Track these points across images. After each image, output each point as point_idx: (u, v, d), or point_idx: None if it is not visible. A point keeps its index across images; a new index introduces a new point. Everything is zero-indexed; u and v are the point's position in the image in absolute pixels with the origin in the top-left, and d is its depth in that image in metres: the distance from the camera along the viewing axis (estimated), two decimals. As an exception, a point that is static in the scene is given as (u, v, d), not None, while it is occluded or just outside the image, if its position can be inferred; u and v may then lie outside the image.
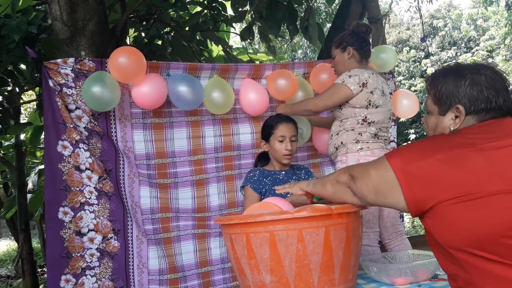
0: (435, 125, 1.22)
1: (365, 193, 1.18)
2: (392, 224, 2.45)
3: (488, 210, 0.96)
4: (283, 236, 1.29)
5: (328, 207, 1.31)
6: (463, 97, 1.13)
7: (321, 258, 1.30)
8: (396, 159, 1.09)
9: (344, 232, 1.34)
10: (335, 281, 1.33)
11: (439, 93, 1.19)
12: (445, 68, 1.22)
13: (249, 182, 2.12)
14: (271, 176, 2.12)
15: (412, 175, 1.04)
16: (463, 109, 1.13)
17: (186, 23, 3.99)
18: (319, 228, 1.29)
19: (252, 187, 2.09)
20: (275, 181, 2.12)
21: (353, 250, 1.38)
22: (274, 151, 2.12)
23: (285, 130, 2.10)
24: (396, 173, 1.07)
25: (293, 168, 2.21)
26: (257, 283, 1.36)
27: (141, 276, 2.42)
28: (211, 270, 2.55)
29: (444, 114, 1.18)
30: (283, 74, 2.60)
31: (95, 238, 2.31)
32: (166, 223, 2.45)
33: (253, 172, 2.15)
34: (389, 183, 1.09)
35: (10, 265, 7.59)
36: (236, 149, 2.63)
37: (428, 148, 1.06)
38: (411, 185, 1.04)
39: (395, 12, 16.37)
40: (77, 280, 2.25)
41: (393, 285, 1.62)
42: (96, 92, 2.14)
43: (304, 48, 11.70)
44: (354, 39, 2.40)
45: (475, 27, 12.15)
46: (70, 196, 2.26)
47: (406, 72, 12.30)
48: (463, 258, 1.01)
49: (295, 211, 1.29)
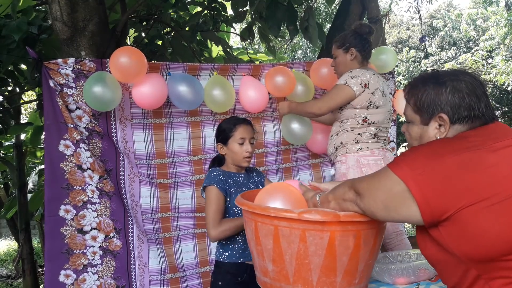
0: (419, 136, 1.18)
1: (374, 210, 1.10)
2: (392, 223, 2.46)
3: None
4: (286, 232, 1.28)
5: (335, 213, 1.25)
6: (445, 105, 1.10)
7: (322, 260, 1.27)
8: (403, 168, 1.02)
9: (352, 239, 1.27)
10: (336, 284, 1.30)
11: (419, 102, 1.15)
12: (422, 76, 1.18)
13: (214, 181, 1.91)
14: (232, 178, 1.99)
15: (425, 182, 0.97)
16: (446, 118, 1.10)
17: (186, 23, 3.99)
18: (324, 232, 1.25)
19: (218, 187, 1.91)
20: (237, 183, 2.00)
21: (363, 256, 1.31)
22: (233, 154, 1.99)
23: (244, 132, 1.99)
24: (407, 183, 0.99)
25: (247, 171, 2.11)
26: (262, 267, 1.38)
27: (142, 276, 2.42)
28: (211, 270, 2.54)
29: (427, 124, 1.14)
30: (280, 70, 2.59)
31: (98, 236, 2.32)
32: (166, 222, 2.46)
33: (217, 172, 1.97)
34: (400, 196, 1.01)
35: (10, 265, 7.58)
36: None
37: (436, 152, 1.01)
38: (425, 194, 0.97)
39: (395, 12, 16.39)
40: (77, 276, 2.25)
41: (394, 284, 1.62)
42: (98, 92, 2.14)
43: (304, 48, 11.71)
44: (358, 40, 2.39)
45: (475, 27, 12.16)
46: (72, 195, 2.26)
47: (406, 72, 12.30)
48: (486, 268, 0.95)
49: (300, 212, 1.25)
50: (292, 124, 2.61)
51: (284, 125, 2.64)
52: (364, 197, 1.13)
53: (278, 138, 2.79)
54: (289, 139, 2.67)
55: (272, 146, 2.77)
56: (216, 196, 1.90)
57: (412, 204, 0.99)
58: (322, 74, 2.71)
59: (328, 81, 2.68)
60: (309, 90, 2.71)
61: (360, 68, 2.37)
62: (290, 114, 2.58)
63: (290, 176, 2.83)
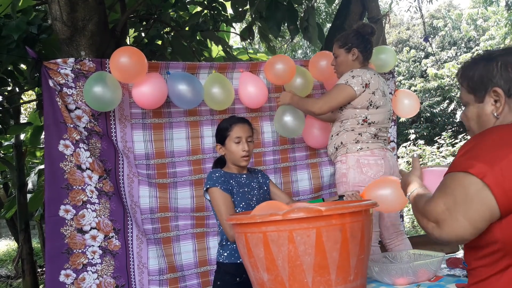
0: (476, 115, 1.16)
1: (462, 233, 1.01)
2: (393, 223, 2.45)
3: None
4: (274, 236, 1.30)
5: (318, 209, 1.29)
6: (498, 79, 1.10)
7: (313, 259, 1.29)
8: (479, 166, 0.98)
9: (339, 233, 1.31)
10: (332, 282, 1.32)
11: (471, 81, 1.15)
12: (473, 58, 1.19)
13: (217, 183, 1.92)
14: (234, 178, 1.99)
15: (503, 173, 0.96)
16: (501, 91, 1.10)
17: (186, 23, 3.99)
18: (310, 229, 1.28)
19: (222, 188, 1.91)
20: (239, 184, 1.99)
21: (353, 251, 1.35)
22: (231, 153, 1.99)
23: (240, 131, 1.99)
24: (484, 179, 0.97)
25: (250, 171, 2.11)
26: (258, 280, 1.40)
27: (141, 276, 2.42)
28: (210, 269, 2.55)
29: (483, 101, 1.14)
30: (281, 59, 2.58)
31: (97, 236, 2.32)
32: (165, 222, 2.46)
33: (219, 173, 1.97)
34: (477, 195, 0.98)
35: (10, 265, 7.58)
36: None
37: (501, 143, 1.00)
38: (503, 186, 0.96)
39: (395, 12, 16.38)
40: (77, 275, 2.25)
41: (394, 285, 1.62)
42: (98, 92, 2.14)
43: (304, 48, 11.70)
44: (360, 41, 2.38)
45: (475, 27, 12.15)
46: (72, 195, 2.26)
47: (406, 72, 12.29)
48: None
49: (284, 212, 1.29)
50: (285, 117, 2.58)
51: (277, 117, 2.62)
52: (445, 226, 1.04)
53: (276, 138, 2.78)
54: (282, 132, 2.65)
55: (270, 145, 2.76)
56: (223, 197, 1.91)
57: (490, 199, 0.97)
58: (321, 67, 2.69)
59: (327, 74, 2.66)
60: (307, 83, 2.70)
61: (361, 68, 2.37)
62: (284, 107, 2.57)
63: (288, 175, 2.81)
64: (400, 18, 16.14)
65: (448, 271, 1.72)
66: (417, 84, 11.33)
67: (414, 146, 8.79)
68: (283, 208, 1.52)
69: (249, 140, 2.01)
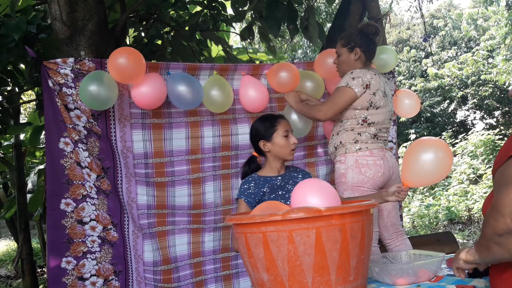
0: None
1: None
2: (393, 224, 2.45)
3: None
4: (274, 237, 1.30)
5: (318, 209, 1.29)
6: None
7: (313, 259, 1.29)
8: None
9: (338, 234, 1.30)
10: (332, 282, 1.32)
11: None
12: None
13: (243, 195, 1.96)
14: (268, 183, 1.99)
15: None
16: None
17: (186, 22, 3.98)
18: (310, 229, 1.28)
19: (246, 201, 1.94)
20: (273, 188, 1.98)
21: (353, 251, 1.34)
22: (280, 147, 1.98)
23: (286, 124, 2.02)
24: None
25: (290, 170, 2.10)
26: (258, 280, 1.40)
27: (137, 264, 2.49)
28: (203, 260, 2.62)
29: None
30: (284, 66, 2.56)
31: (97, 227, 2.39)
32: (161, 217, 2.50)
33: (248, 184, 1.98)
34: None
35: (9, 265, 7.58)
36: (234, 149, 2.63)
37: None
38: None
39: (395, 12, 16.38)
40: (78, 262, 2.34)
41: (394, 285, 1.61)
42: (93, 90, 2.13)
43: (304, 48, 11.71)
44: (363, 40, 2.37)
45: (476, 27, 12.14)
46: (72, 189, 2.32)
47: (407, 71, 12.30)
48: None
49: (283, 212, 1.29)
50: (293, 116, 2.58)
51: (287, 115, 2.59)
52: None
53: None
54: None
55: None
56: (244, 209, 1.95)
57: None
58: (328, 66, 2.65)
59: (334, 71, 2.59)
60: (318, 86, 2.67)
61: (362, 68, 2.36)
62: (289, 107, 2.55)
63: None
64: (400, 17, 16.14)
65: (448, 271, 1.71)
66: (417, 84, 11.33)
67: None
68: (282, 208, 1.52)
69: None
